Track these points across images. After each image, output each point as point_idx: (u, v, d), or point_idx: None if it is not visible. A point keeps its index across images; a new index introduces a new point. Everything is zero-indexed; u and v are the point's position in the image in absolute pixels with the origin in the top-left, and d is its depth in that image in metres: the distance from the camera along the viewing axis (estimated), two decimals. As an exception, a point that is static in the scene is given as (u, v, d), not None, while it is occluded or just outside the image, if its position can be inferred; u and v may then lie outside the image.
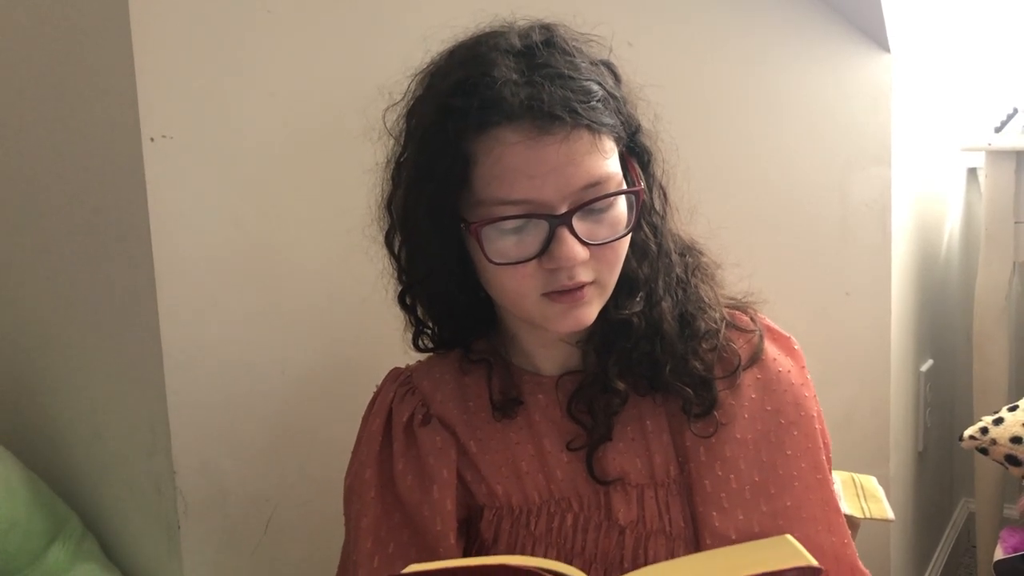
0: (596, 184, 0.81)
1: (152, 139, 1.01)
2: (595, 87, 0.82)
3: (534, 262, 0.81)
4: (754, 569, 0.67)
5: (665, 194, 0.92)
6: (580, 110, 0.79)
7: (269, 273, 1.15)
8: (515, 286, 0.83)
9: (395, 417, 0.93)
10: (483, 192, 0.80)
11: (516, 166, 0.79)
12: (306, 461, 1.19)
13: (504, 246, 0.81)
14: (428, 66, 0.87)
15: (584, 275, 0.82)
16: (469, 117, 0.79)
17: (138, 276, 1.04)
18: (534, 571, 0.67)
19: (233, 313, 1.11)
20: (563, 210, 0.80)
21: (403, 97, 0.88)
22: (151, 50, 1.00)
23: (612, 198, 0.82)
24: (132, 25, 0.98)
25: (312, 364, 1.20)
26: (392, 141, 0.89)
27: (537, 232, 0.80)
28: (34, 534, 1.10)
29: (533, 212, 0.80)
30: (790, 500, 0.88)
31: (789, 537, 0.70)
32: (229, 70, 1.08)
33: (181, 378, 1.06)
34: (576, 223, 0.80)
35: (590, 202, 0.81)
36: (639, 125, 0.88)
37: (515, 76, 0.80)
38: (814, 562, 0.68)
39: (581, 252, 0.80)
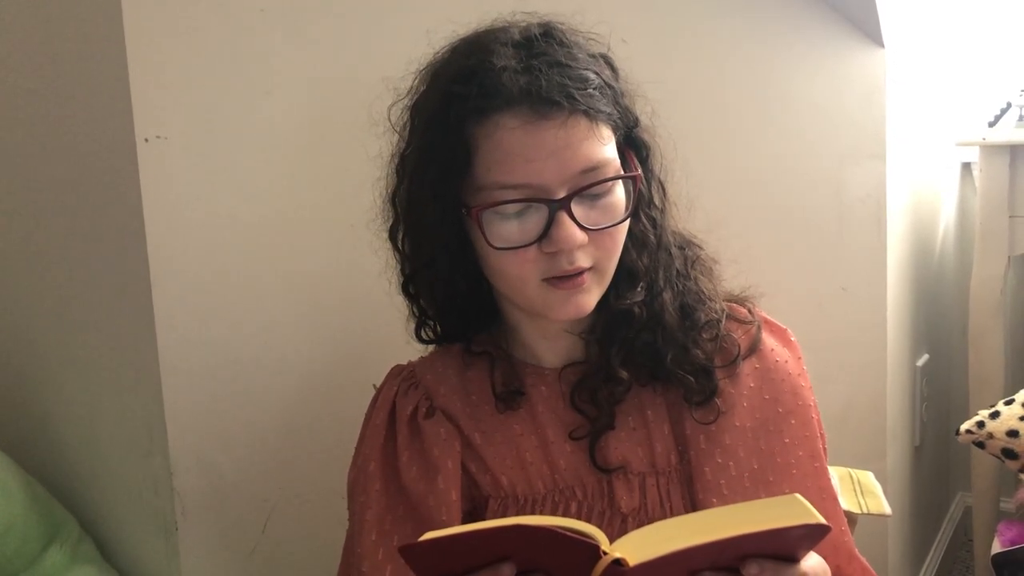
0: (594, 169, 0.82)
1: (146, 139, 1.01)
2: (592, 76, 0.84)
3: (534, 247, 0.82)
4: (762, 525, 0.67)
5: (664, 189, 0.93)
6: (577, 96, 0.81)
7: (265, 272, 1.15)
8: (516, 271, 0.84)
9: (399, 411, 0.94)
10: (484, 177, 0.82)
11: (515, 150, 0.80)
12: (304, 461, 1.19)
13: (505, 231, 0.82)
14: (430, 61, 0.89)
15: (583, 260, 0.83)
16: (469, 103, 0.81)
17: (133, 276, 1.04)
18: (550, 530, 0.66)
19: (229, 313, 1.11)
20: (562, 194, 0.81)
21: (407, 93, 0.90)
22: (145, 50, 1.00)
23: (610, 184, 0.84)
24: (125, 25, 0.98)
25: (310, 363, 1.20)
26: (396, 137, 0.91)
27: (537, 217, 0.82)
28: (31, 537, 1.10)
29: (532, 196, 0.81)
30: (788, 487, 0.90)
31: (798, 496, 0.69)
32: (223, 70, 1.08)
33: (177, 378, 1.06)
34: (575, 207, 0.82)
35: (588, 186, 0.82)
36: (637, 119, 0.89)
37: (514, 63, 0.82)
38: (822, 520, 0.67)
39: (580, 236, 0.82)
